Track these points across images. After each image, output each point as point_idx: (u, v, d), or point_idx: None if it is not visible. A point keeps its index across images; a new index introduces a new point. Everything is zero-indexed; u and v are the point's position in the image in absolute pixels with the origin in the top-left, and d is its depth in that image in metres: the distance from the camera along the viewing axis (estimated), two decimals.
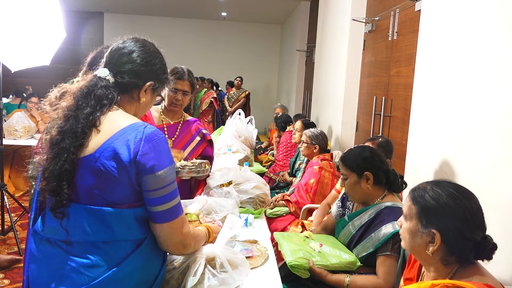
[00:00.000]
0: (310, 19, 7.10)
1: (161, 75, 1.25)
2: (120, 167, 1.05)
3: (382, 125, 3.16)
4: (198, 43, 10.34)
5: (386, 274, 1.59)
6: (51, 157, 1.06)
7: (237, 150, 3.43)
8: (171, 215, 1.12)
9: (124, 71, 1.17)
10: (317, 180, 2.87)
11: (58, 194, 1.05)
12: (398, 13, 3.00)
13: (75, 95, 1.12)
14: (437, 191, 1.11)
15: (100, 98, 1.11)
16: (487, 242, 1.06)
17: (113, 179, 1.06)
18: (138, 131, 1.08)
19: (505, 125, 1.54)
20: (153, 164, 1.06)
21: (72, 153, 1.05)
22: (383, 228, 1.63)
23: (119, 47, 1.21)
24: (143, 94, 1.21)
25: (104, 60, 1.21)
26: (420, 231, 1.11)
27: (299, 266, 1.62)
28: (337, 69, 4.24)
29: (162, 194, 1.09)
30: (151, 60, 1.21)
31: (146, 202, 1.11)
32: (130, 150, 1.05)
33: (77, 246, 1.08)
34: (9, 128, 4.42)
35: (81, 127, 1.06)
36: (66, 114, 1.09)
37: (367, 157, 1.77)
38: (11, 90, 6.65)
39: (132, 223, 1.10)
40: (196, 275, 1.26)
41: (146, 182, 1.08)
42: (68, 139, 1.06)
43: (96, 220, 1.07)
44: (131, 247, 1.10)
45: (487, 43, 1.67)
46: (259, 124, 5.88)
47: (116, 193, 1.07)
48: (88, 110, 1.09)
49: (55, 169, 1.04)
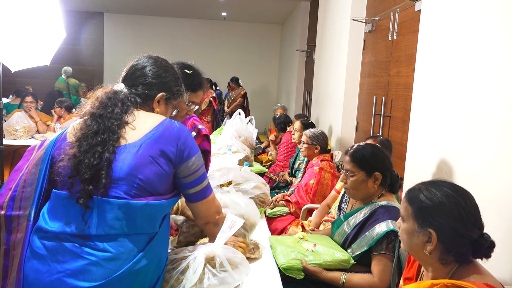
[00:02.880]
0: (310, 19, 7.09)
1: (173, 87, 1.36)
2: (164, 154, 1.16)
3: (382, 125, 3.16)
4: (198, 43, 10.33)
5: (381, 273, 1.60)
6: (86, 148, 1.13)
7: (237, 150, 3.43)
8: (205, 193, 1.30)
9: (137, 84, 1.30)
10: (317, 181, 2.87)
11: (92, 184, 1.10)
12: (398, 13, 3.00)
13: (100, 98, 1.22)
14: (431, 190, 1.12)
15: (123, 100, 1.23)
16: (484, 240, 1.06)
17: (153, 164, 1.15)
18: (172, 124, 1.22)
19: (505, 125, 1.54)
20: (189, 151, 1.21)
21: (111, 144, 1.13)
22: (377, 227, 1.63)
23: (133, 64, 1.34)
24: (156, 105, 1.32)
25: (121, 77, 1.34)
26: (416, 231, 1.12)
27: (292, 268, 1.61)
28: (337, 69, 4.24)
29: (196, 177, 1.25)
30: (161, 73, 1.33)
31: (182, 187, 1.25)
32: (172, 141, 1.18)
33: (96, 239, 1.10)
34: (9, 128, 4.42)
35: (116, 124, 1.17)
36: (97, 114, 1.18)
37: (380, 157, 1.76)
38: (11, 90, 6.64)
39: (154, 216, 1.17)
40: (195, 275, 1.26)
41: (183, 169, 1.21)
42: (103, 133, 1.14)
43: (121, 214, 1.11)
44: (146, 240, 1.16)
45: (487, 43, 1.67)
46: (259, 124, 5.88)
47: (152, 178, 1.15)
48: (118, 110, 1.19)
49: (92, 160, 1.10)
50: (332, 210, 2.42)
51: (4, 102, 4.89)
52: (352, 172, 1.76)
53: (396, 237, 1.59)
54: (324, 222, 2.39)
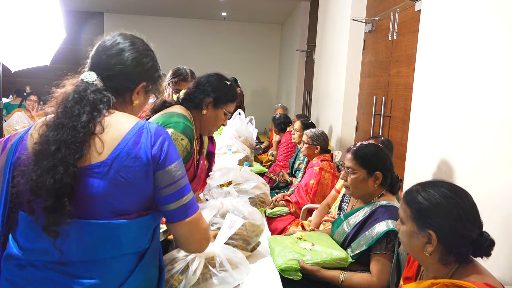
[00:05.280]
0: (310, 19, 7.09)
1: (153, 73, 1.17)
2: (138, 168, 0.99)
3: (382, 125, 3.16)
4: (198, 43, 10.33)
5: (380, 273, 1.60)
6: (44, 171, 0.93)
7: (237, 150, 3.43)
8: (185, 212, 1.06)
9: (113, 74, 1.08)
10: (317, 181, 2.87)
11: (56, 211, 0.93)
12: (398, 13, 3.00)
13: (64, 101, 1.02)
14: (429, 191, 1.11)
15: (94, 103, 1.02)
16: (484, 239, 1.06)
17: (128, 184, 0.98)
18: (145, 128, 1.03)
19: (505, 125, 1.54)
20: (165, 157, 1.02)
21: (73, 165, 0.95)
22: (376, 226, 1.63)
23: (106, 46, 1.11)
24: (135, 97, 1.14)
25: (90, 61, 1.12)
26: (416, 232, 1.12)
27: (289, 269, 1.61)
28: (337, 69, 4.24)
29: (174, 190, 1.04)
30: (141, 59, 1.12)
31: (159, 202, 1.04)
32: (146, 149, 1.00)
33: (79, 265, 0.97)
34: (9, 128, 4.42)
35: (82, 136, 0.97)
36: (58, 122, 0.98)
37: (382, 157, 1.76)
38: (11, 90, 6.65)
39: (141, 234, 1.04)
40: (195, 274, 1.26)
41: (158, 179, 1.02)
42: (66, 149, 0.95)
43: (103, 235, 0.98)
44: (136, 259, 1.04)
45: (487, 43, 1.67)
46: (259, 124, 5.87)
47: (128, 199, 1.00)
48: (85, 117, 0.99)
49: (52, 184, 0.92)
50: (332, 210, 2.42)
51: (4, 102, 4.90)
52: (353, 170, 1.76)
53: (396, 237, 1.59)
54: (324, 222, 2.39)
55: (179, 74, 2.12)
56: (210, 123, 1.78)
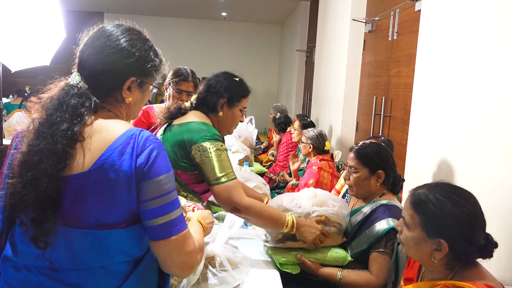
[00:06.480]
0: (310, 19, 7.09)
1: (143, 65, 1.05)
2: (121, 181, 0.92)
3: (382, 125, 3.16)
4: (198, 43, 10.33)
5: (378, 271, 1.60)
6: (27, 182, 0.90)
7: (237, 150, 3.44)
8: (170, 230, 0.96)
9: (96, 73, 1.00)
10: (316, 181, 2.88)
11: (41, 224, 0.90)
12: (398, 13, 3.00)
13: (46, 107, 0.96)
14: (440, 199, 1.07)
15: (75, 108, 0.95)
16: (490, 243, 1.05)
17: (111, 197, 0.93)
18: (133, 138, 0.95)
19: (505, 125, 1.54)
20: (149, 169, 0.94)
21: (55, 177, 0.90)
22: (377, 225, 1.63)
23: (86, 43, 1.02)
24: (126, 94, 1.04)
25: (77, 59, 1.04)
26: (425, 240, 1.08)
27: (288, 262, 1.61)
28: (337, 69, 4.24)
29: (160, 204, 0.95)
30: (124, 53, 1.01)
31: (143, 216, 0.96)
32: (131, 160, 0.93)
33: (70, 273, 0.95)
34: (9, 128, 4.42)
35: (62, 147, 0.91)
36: (39, 131, 0.93)
37: (385, 156, 1.76)
38: (11, 90, 6.65)
39: (132, 243, 0.98)
40: (195, 274, 1.26)
41: (143, 191, 0.94)
42: (48, 160, 0.90)
43: (91, 244, 0.94)
44: (130, 267, 0.99)
45: (487, 43, 1.67)
46: (259, 124, 5.87)
47: (112, 212, 0.95)
48: (65, 125, 0.93)
49: (35, 197, 0.89)
50: None
51: (4, 102, 4.90)
52: (356, 169, 1.76)
53: (395, 235, 1.59)
54: None
55: (180, 74, 2.12)
56: (228, 123, 1.75)
